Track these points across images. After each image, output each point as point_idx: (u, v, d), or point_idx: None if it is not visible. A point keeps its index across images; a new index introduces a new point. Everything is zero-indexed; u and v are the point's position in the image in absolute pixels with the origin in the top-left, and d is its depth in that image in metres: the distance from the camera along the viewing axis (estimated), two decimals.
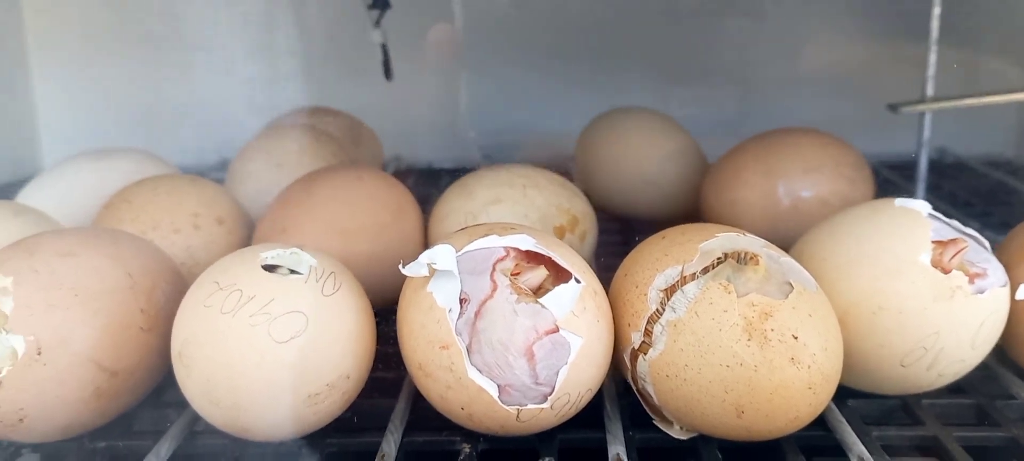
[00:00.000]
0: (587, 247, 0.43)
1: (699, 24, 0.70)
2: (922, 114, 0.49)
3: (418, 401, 0.33)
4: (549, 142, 0.70)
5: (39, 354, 0.29)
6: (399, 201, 0.41)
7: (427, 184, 0.61)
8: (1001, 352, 0.35)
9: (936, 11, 0.47)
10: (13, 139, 0.72)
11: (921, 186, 0.50)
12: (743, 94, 0.71)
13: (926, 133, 0.50)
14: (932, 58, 0.48)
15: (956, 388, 0.34)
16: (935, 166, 0.69)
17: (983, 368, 0.34)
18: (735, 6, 0.69)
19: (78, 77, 0.73)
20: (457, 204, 0.41)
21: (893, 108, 0.49)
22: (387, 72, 0.52)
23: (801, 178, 0.46)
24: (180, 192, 0.40)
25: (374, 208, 0.40)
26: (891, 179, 0.62)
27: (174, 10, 0.70)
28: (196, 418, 0.32)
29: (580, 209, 0.43)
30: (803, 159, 0.46)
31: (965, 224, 0.32)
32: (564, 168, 0.54)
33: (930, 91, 0.48)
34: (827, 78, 0.70)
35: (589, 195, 0.47)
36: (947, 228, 0.32)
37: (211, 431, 0.31)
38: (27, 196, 0.43)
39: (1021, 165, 0.71)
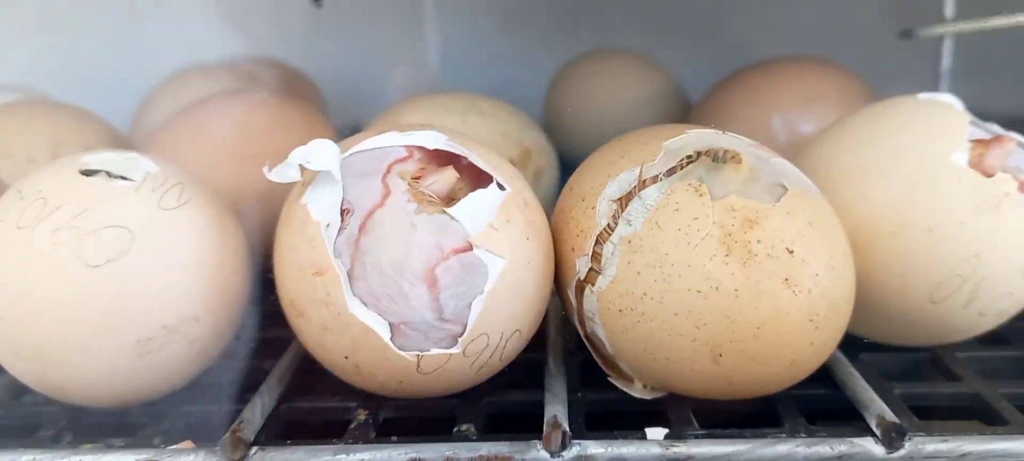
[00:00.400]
0: (544, 187, 0.36)
1: None
2: (940, 40, 0.42)
3: (312, 364, 0.25)
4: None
5: None
6: (313, 130, 0.34)
7: None
8: None
9: None
10: None
11: None
12: (739, 36, 0.63)
13: (946, 62, 0.42)
14: None
15: (997, 337, 0.26)
16: None
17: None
18: None
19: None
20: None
21: (907, 34, 0.42)
22: None
23: (800, 110, 0.39)
24: (41, 118, 0.33)
25: (278, 135, 0.33)
26: None
27: None
28: (19, 389, 0.24)
29: (534, 141, 0.36)
30: (802, 88, 0.39)
31: None
32: None
33: (950, 12, 0.41)
34: (836, 16, 0.63)
35: (561, 145, 0.40)
36: (985, 131, 0.25)
37: (32, 396, 0.24)
38: None
39: None
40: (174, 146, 0.31)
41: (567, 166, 0.39)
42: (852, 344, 0.26)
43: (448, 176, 0.22)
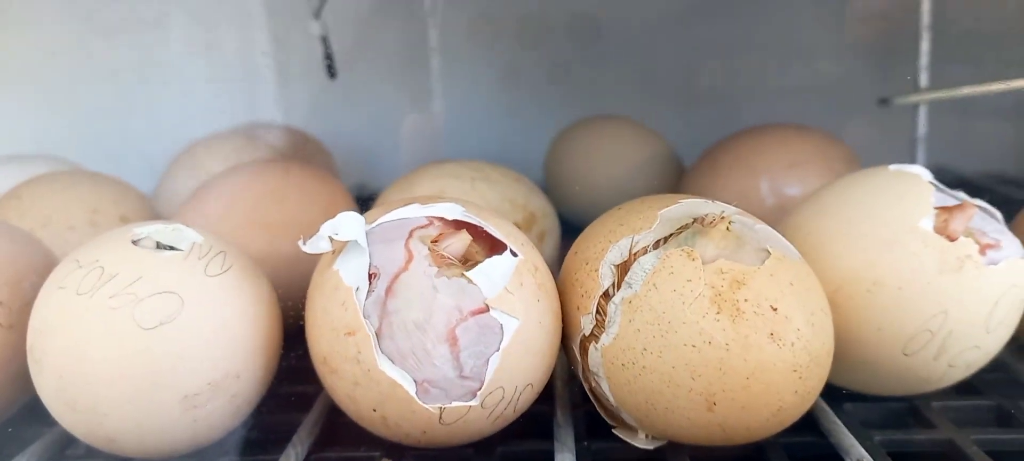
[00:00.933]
0: (548, 249, 0.38)
1: (679, 33, 0.66)
2: (916, 108, 0.45)
3: (338, 416, 0.27)
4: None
5: None
6: (332, 198, 0.36)
7: None
8: (1019, 346, 0.30)
9: None
10: None
11: None
12: (727, 103, 0.66)
13: (921, 129, 0.45)
14: (924, 46, 0.44)
15: (970, 388, 0.29)
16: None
17: (999, 367, 0.30)
18: (716, 12, 0.65)
19: (26, 95, 0.69)
20: (397, 199, 0.37)
21: (884, 102, 0.45)
22: (330, 70, 0.47)
23: (785, 174, 0.41)
24: (77, 188, 0.35)
25: (302, 203, 0.35)
26: None
27: (126, 29, 0.66)
28: (68, 440, 0.26)
29: (538, 206, 0.38)
30: (787, 154, 0.42)
31: None
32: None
33: (924, 82, 0.44)
34: (817, 85, 0.66)
35: (561, 206, 0.42)
36: (951, 198, 0.27)
37: (88, 453, 0.26)
38: None
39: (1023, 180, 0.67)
40: (207, 213, 0.33)
41: (566, 224, 0.41)
42: (836, 395, 0.28)
43: (463, 238, 0.24)
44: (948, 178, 0.65)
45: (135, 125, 0.65)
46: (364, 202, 0.47)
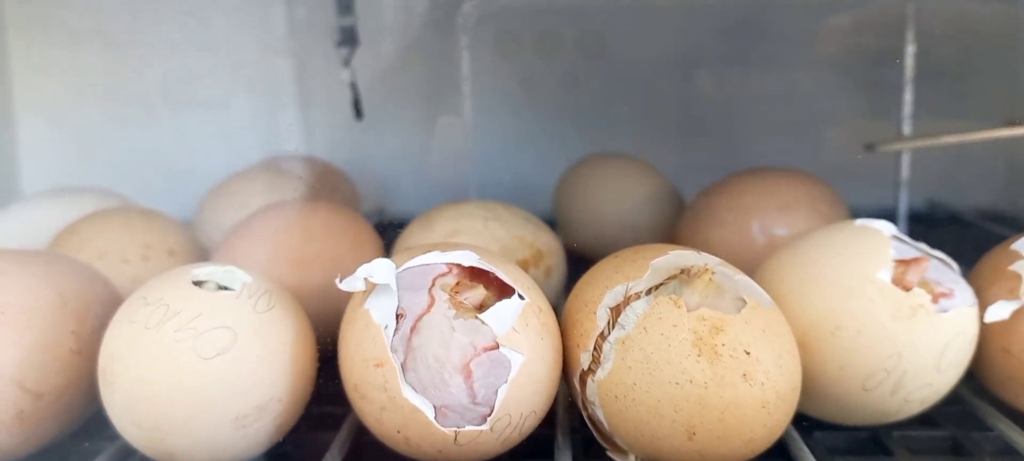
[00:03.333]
0: (554, 283, 0.42)
1: (683, 76, 0.69)
2: (899, 155, 0.48)
3: (364, 435, 0.31)
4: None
5: None
6: (357, 234, 0.40)
7: None
8: (977, 383, 0.33)
9: (910, 48, 0.47)
10: None
11: (902, 227, 0.49)
12: (727, 143, 0.70)
13: (904, 173, 0.49)
14: (908, 97, 0.47)
15: (928, 420, 0.32)
16: (927, 219, 0.68)
17: (957, 400, 0.33)
18: (720, 58, 0.69)
19: (61, 126, 0.73)
20: (417, 236, 0.40)
21: (870, 148, 0.48)
22: (357, 111, 0.51)
23: (776, 216, 0.45)
24: (130, 224, 0.39)
25: (330, 239, 0.39)
26: None
27: (158, 63, 0.71)
28: (129, 451, 0.30)
29: (545, 243, 0.42)
30: (778, 197, 0.45)
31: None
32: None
33: (907, 130, 0.48)
34: (812, 128, 0.69)
35: (568, 239, 0.46)
36: (913, 249, 0.31)
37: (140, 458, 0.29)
38: None
39: (1013, 216, 0.70)
40: (246, 250, 0.37)
41: (573, 256, 0.45)
42: (808, 424, 0.31)
43: (478, 292, 0.28)
44: (940, 213, 0.68)
45: (166, 155, 0.70)
46: (382, 227, 0.51)
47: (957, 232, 0.63)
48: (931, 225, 0.66)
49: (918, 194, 0.71)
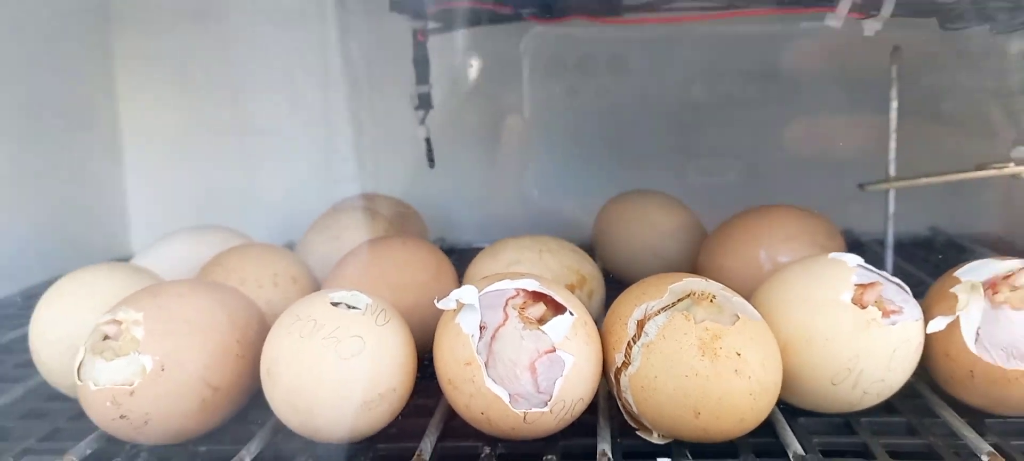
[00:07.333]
0: (595, 303, 0.52)
1: (710, 116, 0.79)
2: (887, 191, 0.57)
3: (450, 419, 0.41)
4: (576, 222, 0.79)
5: (162, 371, 0.38)
6: (438, 264, 0.50)
7: (465, 260, 0.71)
8: (933, 380, 0.42)
9: (894, 105, 0.56)
10: (108, 223, 0.85)
11: (889, 253, 0.58)
12: (748, 175, 0.79)
13: (891, 208, 0.57)
14: (892, 144, 0.56)
15: (892, 408, 0.41)
16: (928, 244, 0.76)
17: (916, 394, 0.42)
18: (742, 101, 0.78)
19: (164, 171, 0.86)
20: (486, 265, 0.50)
21: (861, 186, 0.57)
22: (430, 161, 0.62)
23: (780, 245, 0.54)
24: (263, 257, 0.50)
25: (417, 268, 0.49)
26: (879, 252, 0.70)
27: (246, 111, 0.83)
28: (276, 427, 0.40)
29: (588, 271, 0.51)
30: (782, 229, 0.54)
31: None
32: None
33: (892, 171, 0.56)
34: (828, 162, 0.78)
35: (605, 264, 0.55)
36: (874, 276, 0.40)
37: (288, 437, 0.40)
38: (139, 261, 0.54)
39: (1010, 241, 0.78)
40: (354, 276, 0.47)
41: (610, 279, 0.54)
42: (795, 412, 0.41)
43: (540, 309, 0.37)
44: (940, 239, 0.77)
45: (261, 192, 0.81)
46: (447, 252, 0.61)
47: (953, 256, 0.72)
48: (930, 250, 0.75)
49: (922, 222, 0.80)
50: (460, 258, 0.73)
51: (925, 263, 0.69)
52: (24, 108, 0.72)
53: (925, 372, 0.41)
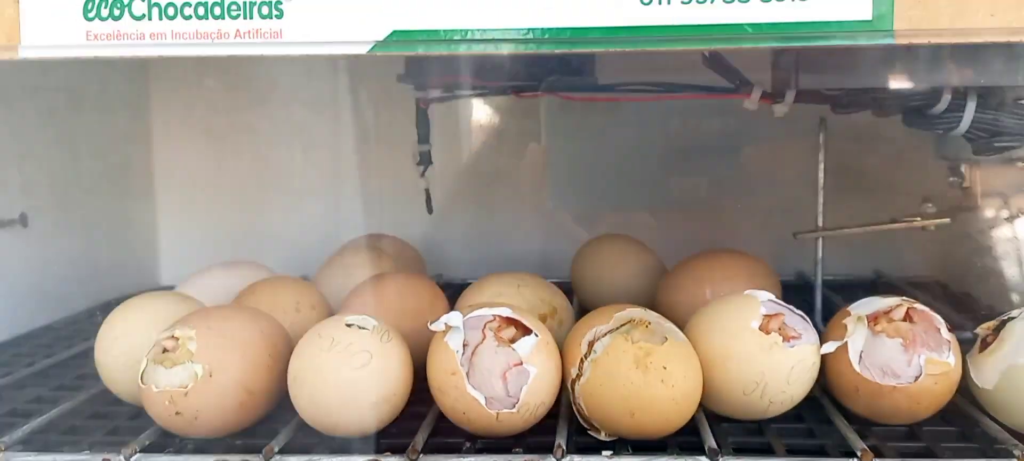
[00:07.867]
0: (564, 330, 0.61)
1: (679, 167, 0.89)
2: (816, 240, 0.67)
3: (440, 419, 0.51)
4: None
5: (210, 376, 0.48)
6: (432, 295, 0.60)
7: (459, 292, 0.81)
8: (831, 395, 0.52)
9: (821, 166, 0.66)
10: (140, 259, 0.95)
11: (818, 294, 0.67)
12: (713, 222, 0.89)
13: (819, 254, 0.67)
14: (820, 199, 0.66)
15: (798, 417, 0.51)
16: (871, 285, 0.86)
17: (819, 406, 0.52)
18: (712, 151, 0.88)
19: (191, 211, 0.96)
20: (474, 295, 0.60)
21: (795, 235, 0.67)
22: (429, 208, 0.72)
23: (722, 284, 0.63)
24: (288, 289, 0.60)
25: (415, 298, 0.59)
26: (826, 293, 0.79)
27: (264, 160, 0.93)
28: (299, 425, 0.50)
29: (559, 302, 0.61)
30: (723, 271, 0.64)
31: None
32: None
33: (820, 222, 0.66)
34: (780, 211, 0.88)
35: (581, 298, 0.65)
36: (779, 307, 0.50)
37: (308, 432, 0.49)
38: (182, 289, 0.64)
39: (945, 283, 0.87)
40: (366, 304, 0.57)
41: (584, 310, 0.64)
42: (717, 419, 0.50)
43: (511, 330, 0.47)
44: (882, 282, 0.87)
45: (278, 231, 0.91)
46: (443, 287, 0.70)
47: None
48: (871, 291, 0.84)
49: (868, 266, 0.89)
50: (455, 291, 0.83)
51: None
52: (72, 161, 0.82)
53: (827, 387, 0.51)
